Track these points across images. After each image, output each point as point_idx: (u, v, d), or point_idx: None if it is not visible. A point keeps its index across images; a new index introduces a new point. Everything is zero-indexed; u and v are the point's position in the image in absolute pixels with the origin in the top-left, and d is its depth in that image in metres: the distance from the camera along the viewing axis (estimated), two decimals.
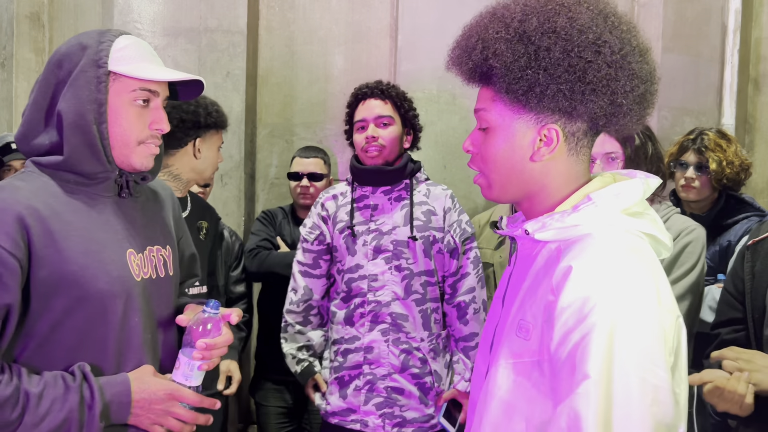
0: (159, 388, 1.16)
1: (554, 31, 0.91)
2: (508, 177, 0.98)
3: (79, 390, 1.09)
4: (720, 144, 2.21)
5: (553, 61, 0.91)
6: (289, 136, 2.97)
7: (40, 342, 1.12)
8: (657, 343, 0.82)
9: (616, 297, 0.83)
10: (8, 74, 2.98)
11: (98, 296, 1.14)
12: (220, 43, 2.81)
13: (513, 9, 0.95)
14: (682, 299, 1.72)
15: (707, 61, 3.09)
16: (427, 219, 1.96)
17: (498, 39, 0.93)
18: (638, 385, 0.79)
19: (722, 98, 3.13)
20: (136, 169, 1.22)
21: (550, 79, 0.91)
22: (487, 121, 0.98)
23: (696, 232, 1.77)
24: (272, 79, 2.96)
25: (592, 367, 0.79)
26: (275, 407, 2.43)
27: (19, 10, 2.93)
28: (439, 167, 2.86)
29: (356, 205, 2.00)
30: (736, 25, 3.09)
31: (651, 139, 1.82)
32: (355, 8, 2.93)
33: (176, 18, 2.82)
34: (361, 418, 1.93)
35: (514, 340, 0.93)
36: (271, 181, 2.98)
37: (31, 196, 1.13)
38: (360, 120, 1.98)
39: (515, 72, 0.92)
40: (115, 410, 1.12)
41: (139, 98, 1.19)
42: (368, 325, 1.93)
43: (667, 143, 2.52)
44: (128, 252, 1.21)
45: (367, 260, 1.94)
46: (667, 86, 2.95)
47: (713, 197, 2.25)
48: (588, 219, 0.92)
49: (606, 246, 0.89)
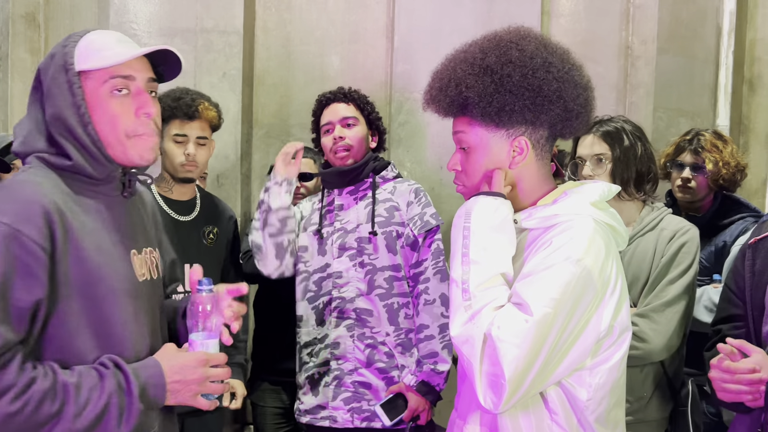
0: (189, 358, 1.16)
1: (510, 61, 1.15)
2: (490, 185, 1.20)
3: (115, 376, 1.08)
4: (716, 145, 2.22)
5: (515, 84, 1.14)
6: (285, 137, 2.97)
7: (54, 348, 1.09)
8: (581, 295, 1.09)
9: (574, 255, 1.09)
10: (3, 74, 2.97)
11: (111, 296, 1.13)
12: (217, 44, 2.81)
13: (472, 50, 1.18)
14: (679, 299, 1.73)
15: (702, 63, 3.10)
16: (390, 215, 1.99)
17: (467, 75, 1.15)
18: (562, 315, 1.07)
19: (717, 99, 3.15)
20: (138, 165, 1.19)
21: (515, 99, 1.14)
22: (467, 142, 1.21)
23: (691, 232, 1.79)
24: (268, 79, 2.95)
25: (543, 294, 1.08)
26: (272, 407, 2.43)
27: (15, 10, 2.92)
28: (435, 168, 2.87)
29: (327, 208, 2.05)
30: (730, 26, 3.11)
31: (641, 139, 1.83)
32: (351, 9, 2.93)
33: (172, 18, 2.82)
34: (330, 413, 1.95)
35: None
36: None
37: (52, 192, 1.11)
38: (326, 123, 2.03)
39: (486, 98, 1.14)
40: (152, 392, 1.12)
41: (115, 88, 1.14)
42: (334, 321, 1.96)
43: (662, 144, 2.53)
44: (131, 252, 1.21)
45: (333, 258, 1.98)
46: (662, 87, 2.96)
47: (709, 198, 2.26)
48: (565, 209, 1.16)
49: (578, 225, 1.13)
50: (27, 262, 1.03)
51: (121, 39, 1.19)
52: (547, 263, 1.09)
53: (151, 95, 1.20)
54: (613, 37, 2.92)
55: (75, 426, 1.04)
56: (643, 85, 2.91)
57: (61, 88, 1.14)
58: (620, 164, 1.79)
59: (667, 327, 1.70)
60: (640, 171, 1.80)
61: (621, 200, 1.80)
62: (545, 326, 1.04)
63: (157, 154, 1.21)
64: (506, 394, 1.03)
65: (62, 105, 1.13)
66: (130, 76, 1.15)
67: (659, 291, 1.73)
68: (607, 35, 2.90)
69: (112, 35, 1.19)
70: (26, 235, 1.03)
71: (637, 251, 1.79)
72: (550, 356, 1.06)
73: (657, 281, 1.74)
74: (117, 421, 1.07)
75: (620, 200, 1.80)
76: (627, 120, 1.88)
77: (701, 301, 2.00)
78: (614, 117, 1.88)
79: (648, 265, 1.77)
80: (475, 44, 1.21)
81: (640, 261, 1.77)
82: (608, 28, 2.90)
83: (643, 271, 1.77)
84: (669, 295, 1.72)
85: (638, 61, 2.91)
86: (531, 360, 1.04)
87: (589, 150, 1.83)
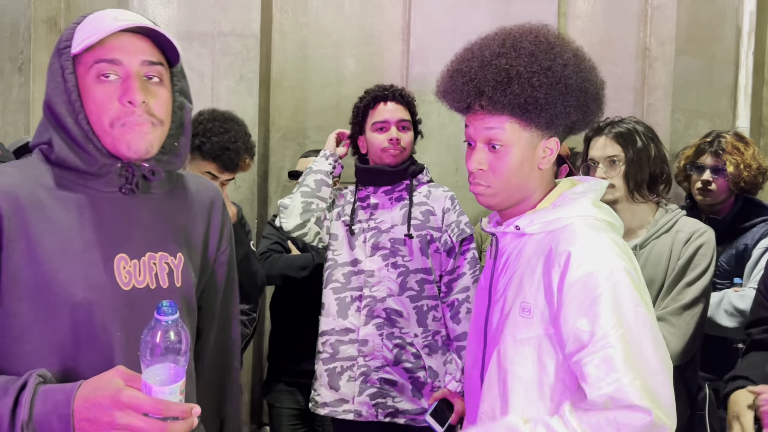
0: (105, 394, 0.87)
1: (567, 63, 1.11)
2: (516, 186, 1.17)
3: (15, 395, 0.90)
4: (738, 147, 2.19)
5: (571, 86, 1.11)
6: (301, 139, 2.98)
7: (4, 354, 0.97)
8: (635, 292, 1.08)
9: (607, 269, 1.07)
10: (25, 78, 3.02)
11: (70, 304, 0.98)
12: (234, 47, 2.84)
13: (524, 47, 1.12)
14: (697, 302, 1.70)
15: (721, 64, 3.07)
16: (425, 218, 2.01)
17: (533, 74, 1.10)
18: (635, 321, 1.05)
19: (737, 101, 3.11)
20: (129, 157, 1.04)
21: (570, 101, 1.12)
22: (503, 140, 1.15)
23: (707, 234, 1.76)
24: (285, 82, 2.98)
25: (607, 322, 1.04)
26: (288, 408, 2.44)
27: (37, 14, 2.97)
28: (451, 170, 2.87)
29: (359, 204, 2.06)
30: (750, 27, 3.07)
31: (654, 141, 1.81)
32: (367, 12, 2.94)
33: (190, 22, 2.85)
34: (354, 408, 1.96)
35: (518, 321, 1.13)
36: (283, 184, 2.99)
37: (18, 184, 1.01)
38: (382, 121, 2.03)
39: (552, 100, 1.11)
40: (47, 424, 0.88)
41: (100, 73, 1.02)
42: (364, 318, 1.97)
43: (680, 146, 2.50)
44: (118, 257, 1.04)
45: (365, 256, 2.00)
46: (681, 89, 2.93)
47: (730, 200, 2.24)
48: (567, 212, 1.15)
49: (588, 231, 1.11)
50: None
51: (118, 16, 1.04)
52: (591, 295, 1.06)
53: (153, 81, 1.06)
54: (631, 39, 2.90)
55: None
56: (661, 86, 2.88)
57: (54, 74, 1.03)
58: (633, 166, 1.77)
59: (686, 330, 1.68)
60: (654, 173, 1.78)
61: (634, 202, 1.78)
62: (633, 344, 1.03)
63: (151, 145, 1.05)
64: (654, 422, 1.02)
65: (52, 92, 1.03)
66: (115, 59, 1.02)
67: (676, 294, 1.71)
68: (625, 36, 2.88)
69: (113, 13, 1.05)
70: None
71: (652, 254, 1.77)
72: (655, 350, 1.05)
73: (674, 284, 1.72)
74: None
75: (633, 202, 1.78)
76: (639, 121, 1.86)
77: (722, 305, 1.97)
78: (626, 118, 1.86)
79: (664, 267, 1.75)
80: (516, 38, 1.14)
81: (655, 263, 1.75)
82: (626, 30, 2.89)
83: (658, 273, 1.74)
84: (687, 298, 1.70)
85: (656, 63, 2.89)
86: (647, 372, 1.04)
87: (602, 152, 1.81)
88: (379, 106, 2.05)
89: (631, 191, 1.77)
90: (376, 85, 2.10)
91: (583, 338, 1.05)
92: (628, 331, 1.04)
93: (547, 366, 1.10)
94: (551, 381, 1.10)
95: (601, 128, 1.83)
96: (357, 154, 2.14)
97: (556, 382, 1.10)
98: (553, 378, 1.10)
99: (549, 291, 1.09)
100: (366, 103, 2.07)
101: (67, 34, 1.05)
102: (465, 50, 1.18)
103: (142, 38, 1.06)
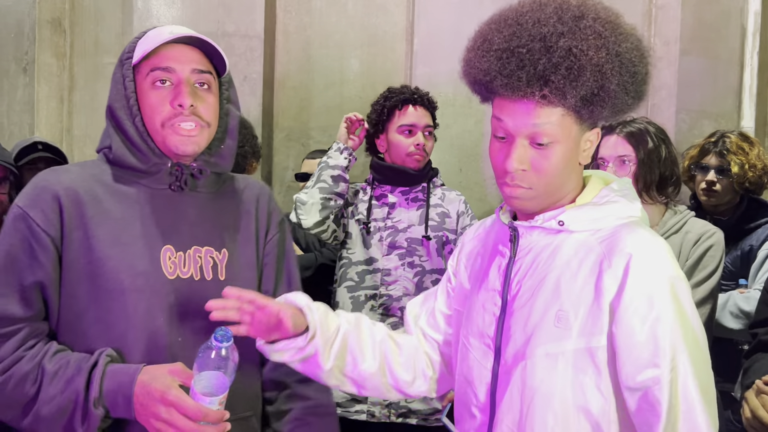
0: (157, 387, 1.02)
1: (634, 48, 0.98)
2: (558, 186, 1.01)
3: (87, 374, 1.05)
4: (742, 147, 2.18)
5: (637, 77, 0.99)
6: (305, 140, 2.98)
7: (66, 330, 1.11)
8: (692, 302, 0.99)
9: (671, 278, 0.95)
10: (30, 79, 3.03)
11: (119, 289, 1.10)
12: (238, 48, 2.84)
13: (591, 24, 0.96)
14: (705, 303, 1.70)
15: (726, 64, 3.05)
16: (441, 220, 2.03)
17: (604, 62, 0.95)
18: (702, 338, 0.97)
19: (741, 101, 3.09)
20: (178, 156, 1.16)
21: (630, 95, 0.99)
22: (552, 135, 0.98)
23: (716, 236, 1.76)
24: (289, 83, 2.98)
25: (677, 342, 0.93)
26: None
27: (41, 15, 2.98)
28: (455, 170, 2.86)
29: (374, 202, 2.06)
30: (755, 27, 3.06)
31: (665, 142, 1.80)
32: (370, 12, 2.94)
33: (194, 23, 2.85)
34: (367, 408, 1.96)
35: (551, 332, 0.97)
36: (287, 184, 3.00)
37: (76, 180, 1.14)
38: (410, 124, 2.05)
39: (622, 91, 0.97)
40: (113, 401, 1.04)
41: (156, 79, 1.14)
42: (378, 317, 1.96)
43: (685, 146, 2.49)
44: (164, 248, 1.15)
45: (381, 255, 2.00)
46: (685, 89, 2.92)
47: (735, 201, 2.23)
48: (617, 211, 1.01)
49: (648, 235, 0.99)
50: (31, 244, 1.09)
51: (174, 30, 1.17)
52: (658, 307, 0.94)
53: (202, 87, 1.17)
54: None
55: (41, 412, 1.05)
56: (665, 86, 2.87)
57: (117, 82, 1.17)
58: (644, 167, 1.75)
59: None
60: (663, 174, 1.77)
61: (644, 203, 1.77)
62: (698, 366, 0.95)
63: (198, 145, 1.16)
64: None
65: (114, 97, 1.16)
66: (169, 67, 1.14)
67: None
68: None
69: (170, 27, 1.19)
70: (32, 219, 1.10)
71: None
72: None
73: None
74: (80, 420, 1.04)
75: (643, 203, 1.77)
76: (650, 121, 1.84)
77: (727, 307, 1.96)
78: (637, 118, 1.84)
79: None
80: (575, 13, 0.96)
81: None
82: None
83: None
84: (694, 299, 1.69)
85: (660, 63, 2.88)
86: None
87: (613, 151, 1.80)
88: (407, 108, 2.05)
89: (639, 192, 1.75)
90: (401, 86, 2.11)
91: (647, 357, 0.92)
92: (693, 350, 0.93)
93: (585, 386, 0.96)
94: (588, 404, 0.96)
95: (612, 126, 1.81)
96: (371, 152, 2.14)
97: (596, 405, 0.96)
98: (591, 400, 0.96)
99: (598, 299, 0.95)
100: (393, 104, 2.06)
101: (130, 46, 1.18)
102: (506, 23, 0.98)
103: (193, 49, 1.18)
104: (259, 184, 1.34)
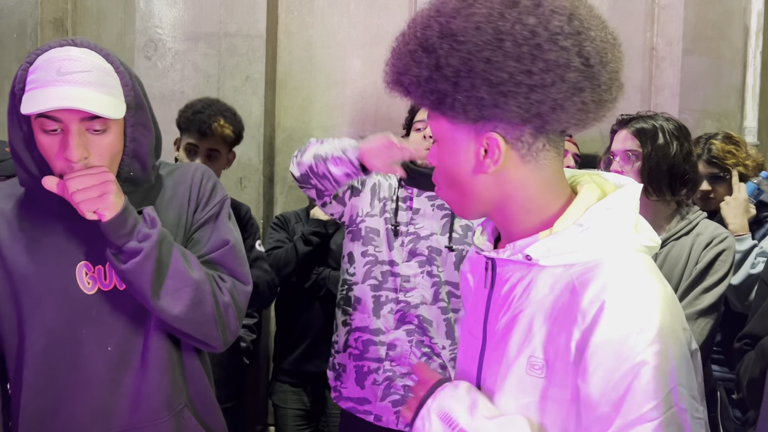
0: None
1: (451, 34, 0.81)
2: (462, 192, 0.89)
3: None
4: (730, 150, 2.17)
5: (453, 68, 0.81)
6: (307, 140, 2.97)
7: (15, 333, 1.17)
8: (692, 376, 0.81)
9: (651, 332, 0.78)
10: None
11: (38, 306, 1.14)
12: (240, 48, 2.84)
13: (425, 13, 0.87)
14: (713, 309, 1.67)
15: (729, 63, 3.05)
16: (464, 234, 1.96)
17: (401, 55, 0.88)
18: (691, 421, 0.78)
19: (744, 101, 3.09)
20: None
21: (454, 88, 0.81)
22: (435, 132, 0.90)
23: (728, 240, 1.71)
24: (291, 83, 2.97)
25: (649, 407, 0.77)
26: (293, 409, 2.44)
27: (44, 15, 2.98)
28: None
29: (401, 203, 2.00)
30: (758, 26, 3.05)
31: (679, 139, 1.72)
32: (373, 12, 2.94)
33: (197, 23, 2.85)
34: (375, 411, 1.94)
35: (524, 380, 0.86)
36: (289, 184, 2.99)
37: (2, 203, 1.18)
38: (420, 120, 2.00)
39: (422, 85, 0.84)
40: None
41: (43, 126, 1.07)
42: (395, 323, 1.93)
43: None
44: (79, 265, 1.16)
45: (401, 260, 1.94)
46: (688, 89, 2.92)
47: None
48: (599, 240, 0.84)
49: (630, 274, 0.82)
50: None
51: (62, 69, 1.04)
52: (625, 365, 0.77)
53: (95, 133, 1.08)
54: (638, 38, 2.89)
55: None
56: (668, 86, 2.87)
57: (11, 113, 1.12)
58: (650, 162, 1.69)
59: (699, 337, 1.63)
60: (673, 172, 1.70)
61: (650, 201, 1.72)
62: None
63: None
64: None
65: (12, 134, 1.14)
66: (55, 117, 1.05)
67: (693, 299, 1.66)
68: (632, 36, 2.87)
69: (58, 64, 1.05)
70: None
71: (669, 255, 1.72)
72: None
73: (690, 288, 1.68)
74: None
75: (649, 200, 1.72)
76: (670, 118, 1.77)
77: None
78: (656, 114, 1.79)
79: (680, 270, 1.70)
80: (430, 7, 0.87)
81: (672, 266, 1.71)
82: (632, 29, 2.87)
83: (674, 276, 1.70)
84: (703, 304, 1.65)
85: (663, 62, 2.87)
86: None
87: (621, 145, 1.76)
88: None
89: (646, 188, 1.69)
90: None
91: (598, 417, 0.79)
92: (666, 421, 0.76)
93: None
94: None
95: (626, 121, 1.77)
96: None
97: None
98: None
99: (569, 346, 0.82)
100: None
101: (20, 76, 1.09)
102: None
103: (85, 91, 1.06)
104: (191, 167, 1.29)
